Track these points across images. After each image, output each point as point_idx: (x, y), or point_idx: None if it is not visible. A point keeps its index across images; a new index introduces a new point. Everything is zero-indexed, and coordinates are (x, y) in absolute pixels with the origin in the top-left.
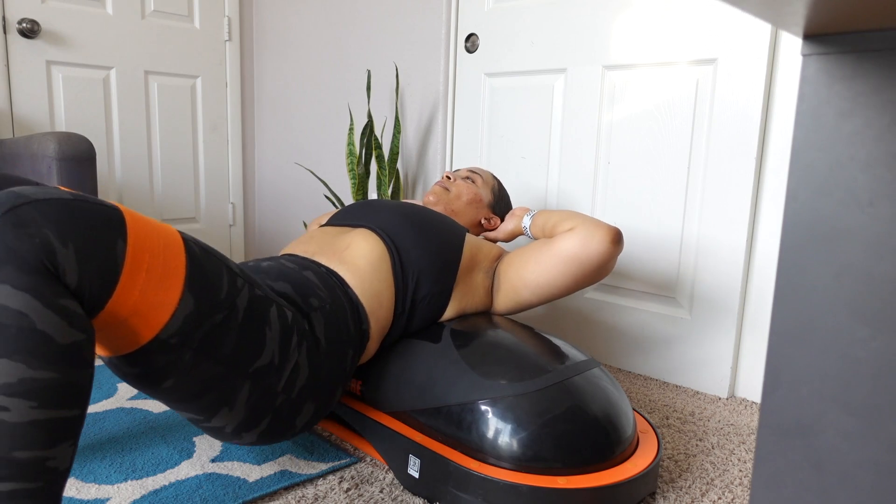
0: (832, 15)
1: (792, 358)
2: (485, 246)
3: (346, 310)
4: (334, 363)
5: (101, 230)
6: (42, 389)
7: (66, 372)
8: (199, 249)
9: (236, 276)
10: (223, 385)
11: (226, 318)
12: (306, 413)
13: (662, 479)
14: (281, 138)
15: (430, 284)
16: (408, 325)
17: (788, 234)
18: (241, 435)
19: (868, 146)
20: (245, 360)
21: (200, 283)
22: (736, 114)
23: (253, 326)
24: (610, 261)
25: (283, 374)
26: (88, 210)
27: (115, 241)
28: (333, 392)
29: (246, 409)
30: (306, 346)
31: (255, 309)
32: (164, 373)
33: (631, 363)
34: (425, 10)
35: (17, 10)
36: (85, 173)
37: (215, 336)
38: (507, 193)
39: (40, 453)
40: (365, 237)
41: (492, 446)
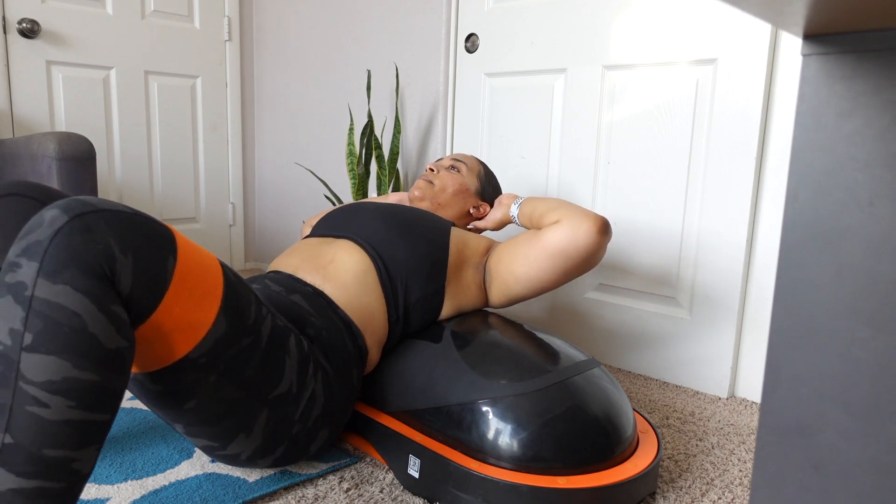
0: (832, 15)
1: (792, 358)
2: (472, 240)
3: (341, 331)
4: (344, 387)
5: (157, 246)
6: (82, 390)
7: (106, 376)
8: (234, 276)
9: (261, 304)
10: (242, 410)
11: (251, 344)
12: (321, 439)
13: (662, 479)
14: (281, 138)
15: (420, 288)
16: (405, 329)
17: (788, 233)
18: (256, 461)
19: (868, 146)
20: (265, 386)
21: (234, 307)
22: (736, 114)
23: (274, 354)
24: (598, 251)
25: (300, 402)
26: (146, 226)
27: (168, 257)
28: (346, 414)
29: (262, 436)
30: (321, 375)
31: (277, 337)
32: (188, 392)
33: (631, 363)
34: (425, 10)
35: (17, 10)
36: (85, 173)
37: (240, 360)
38: (493, 176)
39: (69, 453)
40: (348, 250)
41: (492, 446)
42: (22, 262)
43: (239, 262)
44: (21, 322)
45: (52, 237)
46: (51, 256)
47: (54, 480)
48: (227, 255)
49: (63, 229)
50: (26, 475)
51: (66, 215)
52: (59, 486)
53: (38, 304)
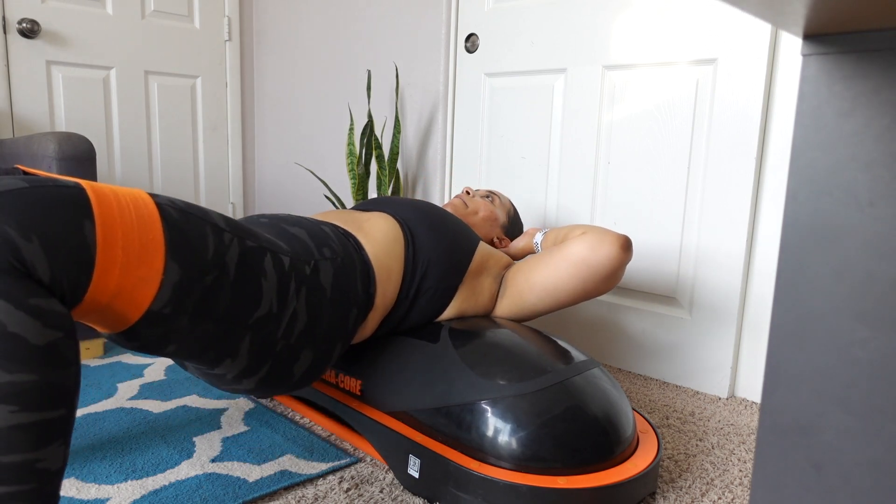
0: (832, 15)
1: (792, 358)
2: (496, 254)
3: (356, 268)
4: (336, 316)
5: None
6: (21, 393)
7: (44, 373)
8: (177, 212)
9: (222, 231)
10: (225, 340)
11: (217, 278)
12: (304, 361)
13: (662, 479)
14: (281, 138)
15: (436, 279)
16: (407, 314)
17: (788, 233)
18: (241, 381)
19: (868, 146)
20: (243, 313)
21: (183, 248)
22: (736, 114)
23: (247, 280)
24: (619, 267)
25: (282, 320)
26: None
27: (82, 223)
28: (332, 346)
29: (248, 358)
30: (305, 291)
31: (249, 261)
32: (164, 341)
33: (631, 363)
34: (425, 10)
35: (17, 10)
36: (85, 173)
37: (209, 297)
38: (521, 222)
39: (29, 456)
40: (384, 218)
41: (492, 446)
42: None
43: None
44: None
45: None
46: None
47: (20, 483)
48: None
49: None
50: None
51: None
52: (29, 488)
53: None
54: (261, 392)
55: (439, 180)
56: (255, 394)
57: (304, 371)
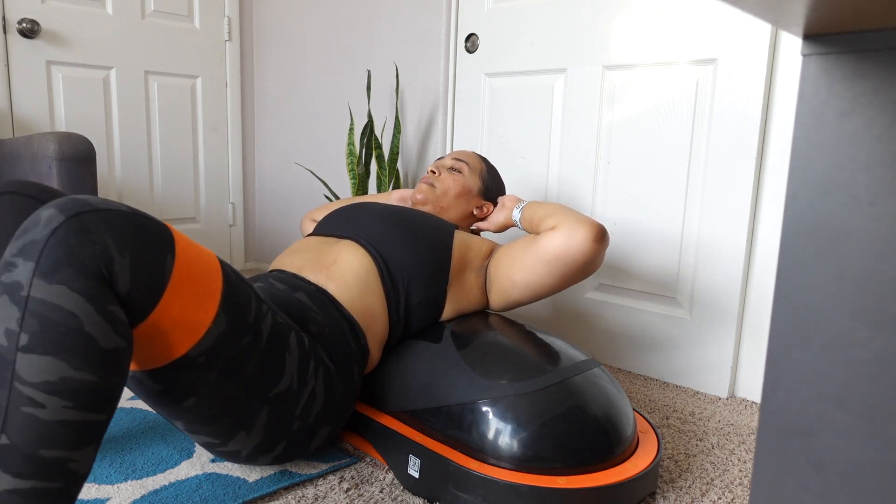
0: (832, 15)
1: (792, 358)
2: (475, 243)
3: (343, 329)
4: (345, 384)
5: (155, 245)
6: (78, 390)
7: (103, 376)
8: (234, 274)
9: (262, 301)
10: (242, 408)
11: (251, 342)
12: (322, 436)
13: (662, 479)
14: (281, 138)
15: (422, 290)
16: (406, 331)
17: (789, 233)
18: (257, 458)
19: (868, 146)
20: (265, 384)
21: (233, 305)
22: (736, 114)
23: (274, 351)
24: (594, 258)
25: (300, 399)
26: (144, 225)
27: (166, 256)
28: (347, 411)
29: (263, 434)
30: (322, 372)
31: (277, 335)
32: (187, 391)
33: (631, 363)
34: (425, 10)
35: (17, 10)
36: (85, 173)
37: (240, 358)
38: (496, 172)
39: (65, 454)
40: (351, 251)
41: (492, 446)
42: (18, 261)
43: (239, 262)
44: (17, 322)
45: (49, 237)
46: (47, 256)
47: (50, 481)
48: (227, 255)
49: (60, 229)
50: (22, 476)
51: (62, 215)
52: (56, 487)
53: (35, 305)
54: (279, 463)
55: None
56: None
57: (321, 443)
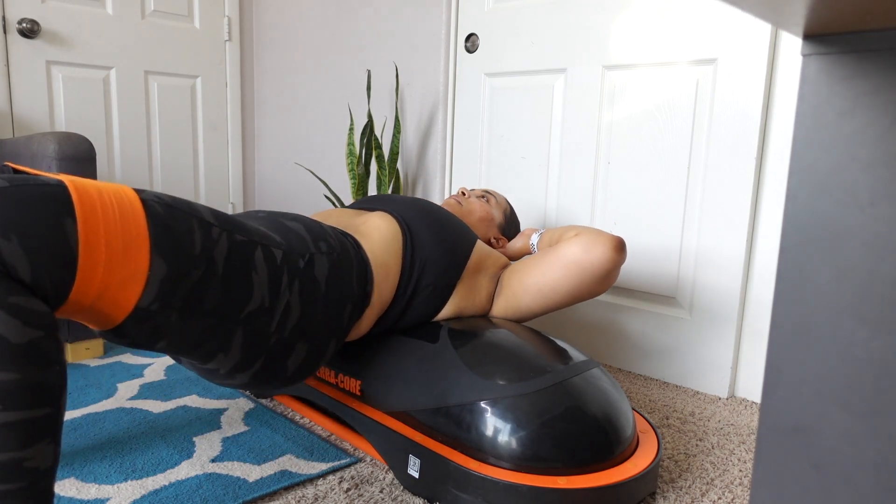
0: (832, 15)
1: (792, 358)
2: (493, 254)
3: (352, 265)
4: (331, 311)
5: (45, 213)
6: (3, 392)
7: (26, 372)
8: (163, 207)
9: (210, 226)
10: (216, 334)
11: (205, 273)
12: (298, 355)
13: (662, 479)
14: (281, 138)
15: (434, 276)
16: (404, 312)
17: (789, 234)
18: (234, 375)
19: (869, 146)
20: (234, 307)
21: (169, 243)
22: (736, 114)
23: (237, 273)
24: (613, 269)
25: (274, 314)
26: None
27: (63, 221)
28: (327, 340)
29: (241, 352)
30: (298, 284)
31: (238, 255)
32: (154, 337)
33: (631, 363)
34: (425, 10)
35: (17, 10)
36: (85, 173)
37: (198, 292)
38: (517, 220)
39: (15, 454)
40: (381, 216)
41: (492, 446)
42: None
43: None
44: None
45: None
46: None
47: (9, 482)
48: None
49: None
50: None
51: None
52: (18, 486)
53: None
54: (255, 387)
55: (439, 180)
56: (249, 388)
57: (298, 365)
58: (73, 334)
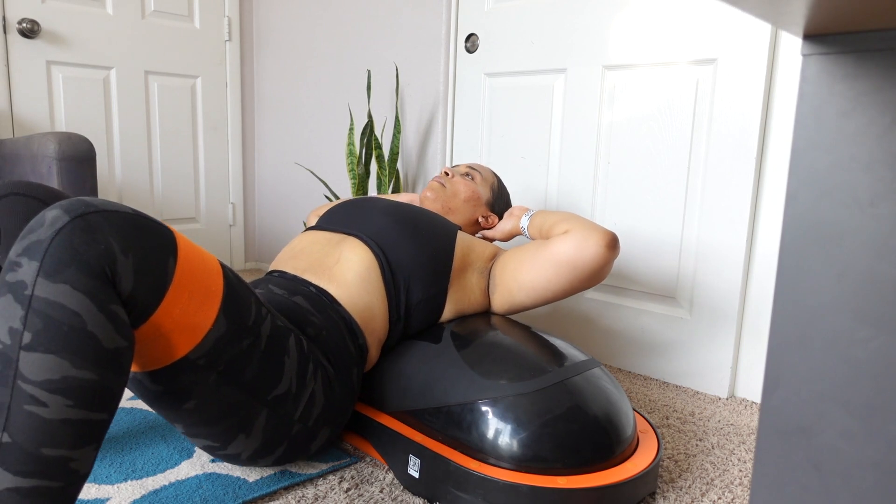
0: (832, 15)
1: (792, 358)
2: (477, 245)
3: (341, 330)
4: (344, 386)
5: (158, 246)
6: (80, 389)
7: (105, 375)
8: (234, 277)
9: (261, 304)
10: (242, 411)
11: (251, 345)
12: (322, 438)
13: (662, 479)
14: (281, 138)
15: (422, 290)
16: (406, 330)
17: (789, 234)
18: (256, 461)
19: (869, 146)
20: (265, 387)
21: (234, 308)
22: (736, 114)
23: (274, 354)
24: (605, 266)
25: (300, 402)
26: (148, 227)
27: (168, 258)
28: (346, 413)
29: (262, 437)
30: (321, 375)
31: (277, 337)
32: (187, 393)
33: (631, 363)
34: (425, 10)
35: (17, 10)
36: (85, 173)
37: (240, 361)
38: (506, 191)
39: (67, 453)
40: (353, 249)
41: (492, 446)
42: (22, 261)
43: (239, 262)
44: (20, 321)
45: (53, 237)
46: (51, 256)
47: (52, 479)
48: (227, 255)
49: (64, 229)
50: (24, 474)
51: (67, 215)
52: (57, 486)
53: (38, 304)
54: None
55: None
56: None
57: (322, 445)
58: None
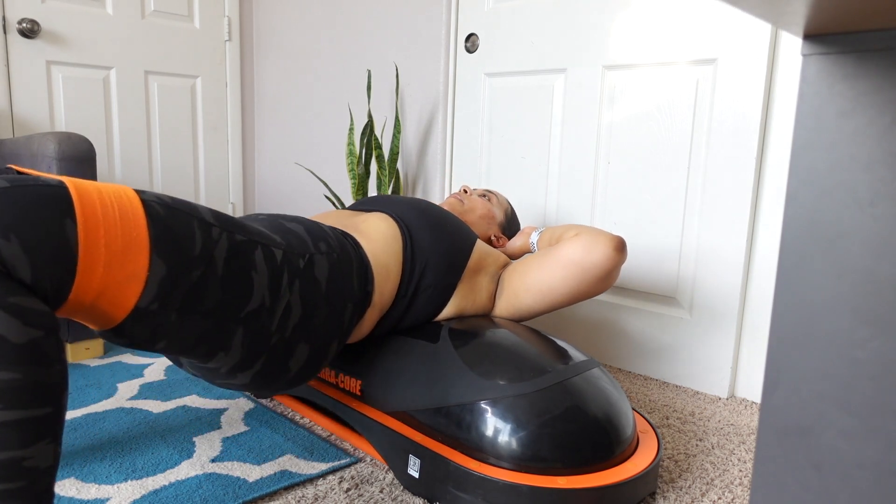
0: (832, 15)
1: (792, 358)
2: (493, 253)
3: (352, 265)
4: (332, 311)
5: (46, 214)
6: (4, 391)
7: (28, 371)
8: (163, 207)
9: (210, 226)
10: (216, 334)
11: (205, 273)
12: (300, 355)
13: (662, 479)
14: (281, 138)
15: (435, 277)
16: (406, 313)
17: (789, 233)
18: (235, 375)
19: (869, 146)
20: (234, 307)
21: (169, 244)
22: (736, 114)
23: (237, 274)
24: (613, 269)
25: (275, 313)
26: (28, 195)
27: (63, 222)
28: (328, 341)
29: (241, 351)
30: (299, 284)
31: (238, 255)
32: (153, 337)
33: (631, 363)
34: (425, 10)
35: (17, 10)
36: (85, 173)
37: (197, 292)
38: (517, 220)
39: (15, 453)
40: (381, 217)
41: (492, 446)
42: None
43: None
44: None
45: None
46: None
47: (9, 481)
48: None
49: None
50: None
51: None
52: (18, 486)
53: None
54: (256, 387)
55: (439, 180)
56: (250, 389)
57: (300, 367)
58: (73, 334)
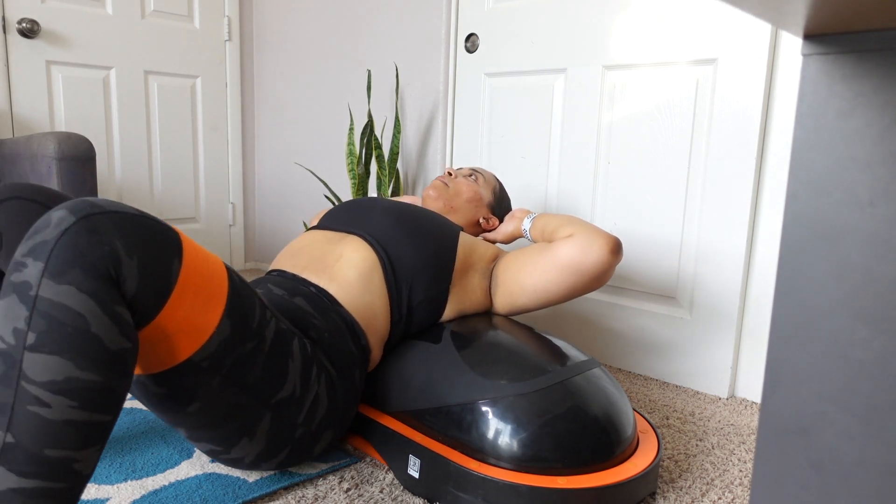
0: (832, 15)
1: (792, 358)
2: (480, 246)
3: (343, 332)
4: (347, 388)
5: (162, 248)
6: (84, 390)
7: (109, 377)
8: (239, 280)
9: (265, 307)
10: (245, 414)
11: (255, 348)
12: (325, 440)
13: (662, 479)
14: (281, 138)
15: (424, 290)
16: (407, 330)
17: (789, 233)
18: (260, 465)
19: (868, 146)
20: (268, 390)
21: (238, 310)
22: (736, 114)
23: (278, 357)
24: (608, 270)
25: (303, 405)
26: (153, 228)
27: (173, 260)
28: (350, 415)
29: (266, 440)
30: (325, 378)
31: (281, 341)
32: (190, 395)
33: (631, 363)
34: (425, 10)
35: (17, 10)
36: (85, 173)
37: (244, 364)
38: (507, 196)
39: (70, 454)
40: (355, 247)
41: (492, 446)
42: (28, 261)
43: (239, 262)
44: (25, 321)
45: (59, 238)
46: (56, 257)
47: (54, 481)
48: (227, 255)
49: (69, 230)
50: (26, 475)
51: (73, 216)
52: (60, 487)
53: (42, 304)
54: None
55: None
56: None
57: (324, 447)
58: None
